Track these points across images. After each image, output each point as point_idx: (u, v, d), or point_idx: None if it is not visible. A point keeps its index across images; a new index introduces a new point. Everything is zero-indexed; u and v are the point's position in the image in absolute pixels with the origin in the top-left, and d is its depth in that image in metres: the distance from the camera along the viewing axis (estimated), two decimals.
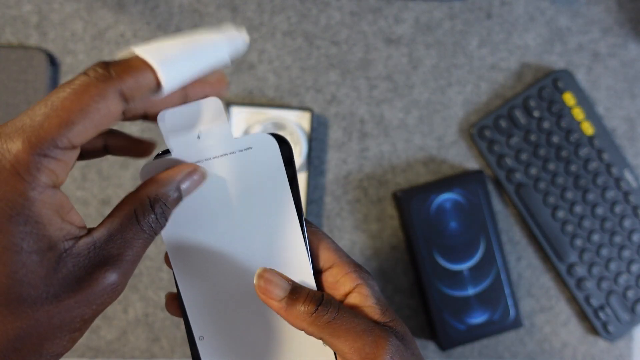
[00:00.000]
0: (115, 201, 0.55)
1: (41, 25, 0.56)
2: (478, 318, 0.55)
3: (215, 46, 0.26)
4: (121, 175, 0.56)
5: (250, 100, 0.56)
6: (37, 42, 0.56)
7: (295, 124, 0.54)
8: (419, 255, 0.55)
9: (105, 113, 0.23)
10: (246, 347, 0.30)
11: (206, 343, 0.30)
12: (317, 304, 0.27)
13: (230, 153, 0.28)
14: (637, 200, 0.57)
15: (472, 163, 0.58)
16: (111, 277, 0.24)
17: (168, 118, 0.27)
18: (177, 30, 0.56)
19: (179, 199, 0.27)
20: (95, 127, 0.23)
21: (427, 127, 0.57)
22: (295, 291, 0.28)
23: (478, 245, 0.55)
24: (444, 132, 0.57)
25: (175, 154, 0.28)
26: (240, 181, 0.29)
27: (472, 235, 0.55)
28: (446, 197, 0.55)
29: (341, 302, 0.29)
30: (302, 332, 0.28)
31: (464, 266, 0.55)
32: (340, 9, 0.57)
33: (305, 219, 0.30)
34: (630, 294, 0.57)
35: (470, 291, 0.55)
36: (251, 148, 0.28)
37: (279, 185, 0.29)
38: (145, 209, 0.25)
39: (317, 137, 0.57)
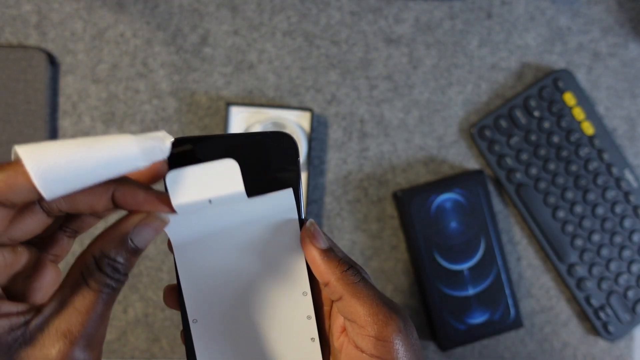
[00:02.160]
0: None
1: (41, 25, 0.56)
2: (478, 318, 0.55)
3: (121, 156, 0.23)
4: None
5: (250, 100, 0.56)
6: (37, 41, 0.55)
7: (295, 124, 0.54)
8: (419, 255, 0.55)
9: None
10: (238, 333, 0.30)
11: (199, 326, 0.30)
12: (348, 266, 0.29)
13: (247, 222, 0.29)
14: (638, 200, 0.57)
15: (472, 163, 0.58)
16: (76, 354, 0.23)
17: (174, 179, 0.26)
18: (177, 30, 0.56)
19: (136, 251, 0.26)
20: None
21: (427, 127, 0.57)
22: (333, 250, 0.30)
23: (478, 245, 0.55)
24: (444, 132, 0.57)
25: (181, 214, 0.27)
26: (253, 232, 0.29)
27: (472, 235, 0.55)
28: (446, 197, 0.55)
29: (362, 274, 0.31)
30: (293, 326, 0.30)
31: (464, 266, 0.55)
32: (340, 9, 0.57)
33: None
34: (631, 294, 0.57)
35: (471, 291, 0.55)
36: (269, 210, 0.29)
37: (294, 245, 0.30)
38: (91, 270, 0.24)
39: (317, 137, 0.57)
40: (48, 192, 0.23)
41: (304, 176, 0.55)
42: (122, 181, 0.26)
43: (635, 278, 0.57)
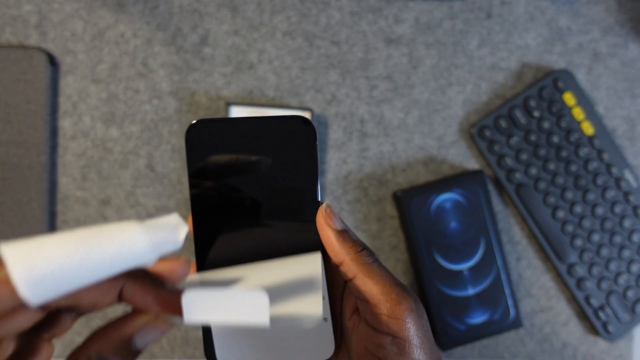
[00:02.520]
0: (115, 201, 0.55)
1: (41, 25, 0.56)
2: (478, 318, 0.55)
3: (126, 247, 0.20)
4: (121, 175, 0.56)
5: (250, 100, 0.56)
6: (37, 42, 0.55)
7: None
8: (419, 255, 0.55)
9: None
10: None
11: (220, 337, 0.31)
12: (362, 247, 0.31)
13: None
14: (637, 200, 0.57)
15: (472, 163, 0.58)
16: None
17: (192, 299, 0.23)
18: (177, 30, 0.56)
19: (136, 353, 0.23)
20: None
21: (427, 127, 0.57)
22: (348, 232, 0.31)
23: (478, 245, 0.55)
24: (444, 132, 0.57)
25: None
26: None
27: (472, 235, 0.55)
28: (446, 197, 0.55)
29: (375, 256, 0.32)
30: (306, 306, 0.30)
31: (464, 266, 0.55)
32: (340, 9, 0.57)
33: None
34: (631, 294, 0.57)
35: (470, 291, 0.55)
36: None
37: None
38: None
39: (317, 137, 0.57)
40: (37, 299, 0.19)
41: None
42: (132, 275, 0.23)
43: (635, 278, 0.57)
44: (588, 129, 0.57)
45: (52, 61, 0.55)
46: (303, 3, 0.57)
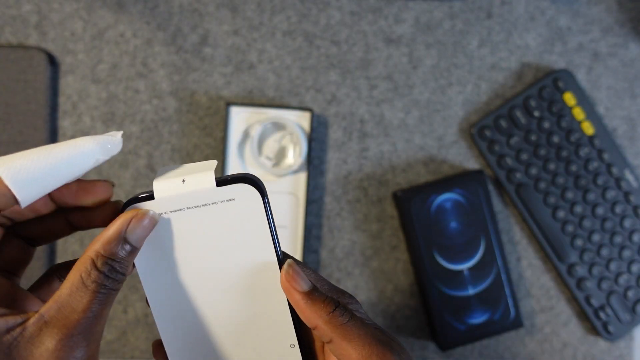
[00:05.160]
0: None
1: (41, 25, 0.56)
2: (478, 318, 0.55)
3: (80, 153, 0.26)
4: (121, 175, 0.56)
5: (250, 100, 0.56)
6: (37, 42, 0.55)
7: (295, 124, 0.54)
8: (419, 255, 0.55)
9: None
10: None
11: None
12: (335, 306, 0.28)
13: (213, 203, 0.28)
14: (638, 200, 0.57)
15: (472, 163, 0.58)
16: (74, 351, 0.24)
17: (161, 170, 0.29)
18: (177, 30, 0.56)
19: (132, 250, 0.27)
20: None
21: (427, 127, 0.57)
22: (316, 290, 0.29)
23: (478, 245, 0.55)
24: (444, 132, 0.57)
25: (157, 196, 0.28)
26: (221, 232, 0.29)
27: (472, 235, 0.55)
28: (446, 197, 0.55)
29: (352, 311, 0.30)
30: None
31: (464, 266, 0.55)
32: (340, 9, 0.57)
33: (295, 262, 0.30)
34: (631, 294, 0.57)
35: (471, 291, 0.55)
36: (234, 199, 0.28)
37: (260, 235, 0.29)
38: (89, 270, 0.25)
39: (317, 137, 0.57)
40: (23, 196, 0.25)
41: (304, 176, 0.55)
42: None
43: (635, 278, 0.57)
44: (588, 129, 0.57)
45: (52, 61, 0.55)
46: (303, 3, 0.57)
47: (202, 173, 0.28)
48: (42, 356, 0.24)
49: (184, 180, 0.27)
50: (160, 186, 0.28)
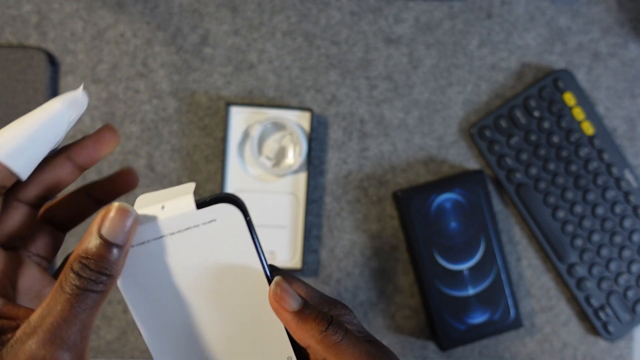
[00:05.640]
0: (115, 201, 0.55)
1: (41, 25, 0.56)
2: (478, 318, 0.55)
3: (52, 113, 0.27)
4: None
5: (250, 100, 0.56)
6: (37, 42, 0.55)
7: (295, 124, 0.54)
8: (419, 255, 0.55)
9: None
10: None
11: None
12: (328, 324, 0.27)
13: (195, 226, 0.27)
14: (638, 200, 0.57)
15: (472, 163, 0.58)
16: (58, 356, 0.24)
17: (140, 198, 0.28)
18: (177, 30, 0.56)
19: (107, 244, 0.25)
20: None
21: (427, 127, 0.57)
22: (307, 307, 0.28)
23: (478, 245, 0.55)
24: (444, 132, 0.57)
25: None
26: (206, 254, 0.28)
27: (472, 235, 0.55)
28: (446, 197, 0.55)
29: (347, 327, 0.29)
30: None
31: (464, 266, 0.55)
32: (340, 9, 0.57)
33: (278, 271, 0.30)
34: (631, 294, 0.57)
35: (471, 291, 0.55)
36: (215, 220, 0.28)
37: (246, 253, 0.28)
38: (66, 274, 0.25)
39: (317, 137, 0.57)
40: (19, 168, 0.26)
41: (304, 176, 0.55)
42: (71, 146, 0.29)
43: (635, 278, 0.57)
44: (588, 129, 0.57)
45: (52, 61, 0.55)
46: (303, 3, 0.57)
47: (181, 197, 0.27)
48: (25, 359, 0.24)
49: (163, 207, 0.27)
50: (140, 215, 0.27)
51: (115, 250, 0.25)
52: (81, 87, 0.28)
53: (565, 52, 0.58)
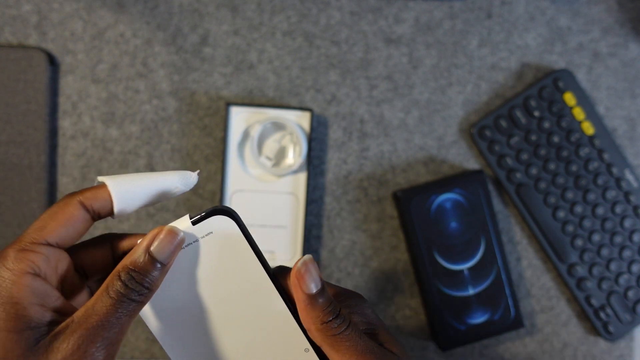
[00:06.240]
0: None
1: (41, 25, 0.56)
2: (478, 318, 0.55)
3: (166, 181, 0.31)
4: None
5: (250, 100, 0.56)
6: (37, 41, 0.55)
7: (295, 124, 0.54)
8: (419, 255, 0.55)
9: (69, 217, 0.29)
10: None
11: None
12: (333, 316, 0.29)
13: (194, 242, 0.30)
14: (638, 200, 0.57)
15: (472, 163, 0.58)
16: (93, 352, 0.26)
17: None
18: (177, 30, 0.56)
19: (154, 262, 0.28)
20: (63, 226, 0.28)
21: (427, 127, 0.57)
22: (322, 295, 0.29)
23: (478, 245, 0.55)
24: (444, 132, 0.57)
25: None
26: (209, 265, 0.30)
27: (472, 235, 0.55)
28: (446, 197, 0.55)
29: (356, 322, 0.30)
30: None
31: (464, 266, 0.55)
32: (340, 9, 0.57)
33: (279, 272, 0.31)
34: (631, 294, 0.57)
35: (471, 291, 0.55)
36: (212, 232, 0.30)
37: (245, 258, 0.30)
38: (114, 281, 0.27)
39: (317, 137, 0.57)
40: (119, 208, 0.30)
41: (304, 176, 0.55)
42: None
43: (635, 278, 0.57)
44: (588, 129, 0.57)
45: (52, 61, 0.55)
46: (303, 3, 0.57)
47: (178, 219, 0.30)
48: (65, 350, 0.26)
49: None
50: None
51: (159, 267, 0.28)
52: (197, 172, 0.32)
53: (566, 52, 0.58)
